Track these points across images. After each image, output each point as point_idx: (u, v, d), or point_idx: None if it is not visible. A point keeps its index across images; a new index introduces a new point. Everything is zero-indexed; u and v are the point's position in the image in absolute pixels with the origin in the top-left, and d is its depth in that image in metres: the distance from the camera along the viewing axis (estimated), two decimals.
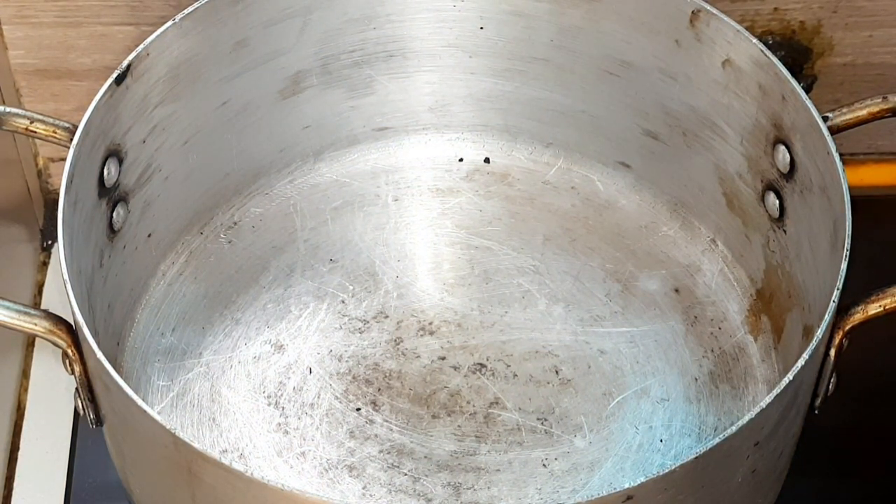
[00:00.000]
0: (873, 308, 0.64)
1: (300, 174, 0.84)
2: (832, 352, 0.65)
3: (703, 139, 0.78)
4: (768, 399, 0.60)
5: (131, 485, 0.70)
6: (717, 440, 0.58)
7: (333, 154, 0.84)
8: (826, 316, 0.63)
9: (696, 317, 0.78)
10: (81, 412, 0.69)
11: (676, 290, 0.79)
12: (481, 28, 0.80)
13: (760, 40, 0.72)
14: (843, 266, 0.64)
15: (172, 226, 0.79)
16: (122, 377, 0.61)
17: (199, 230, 0.81)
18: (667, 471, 0.57)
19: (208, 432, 0.74)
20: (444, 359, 0.76)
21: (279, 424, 0.74)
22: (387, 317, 0.78)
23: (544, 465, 0.72)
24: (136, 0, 0.81)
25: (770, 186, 0.74)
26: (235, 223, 0.82)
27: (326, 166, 0.84)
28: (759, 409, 0.59)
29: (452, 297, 0.79)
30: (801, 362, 0.61)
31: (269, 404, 0.75)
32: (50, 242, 0.90)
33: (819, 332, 0.62)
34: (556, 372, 0.76)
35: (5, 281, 0.83)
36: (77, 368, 0.66)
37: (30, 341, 0.85)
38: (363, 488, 0.71)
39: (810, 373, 0.65)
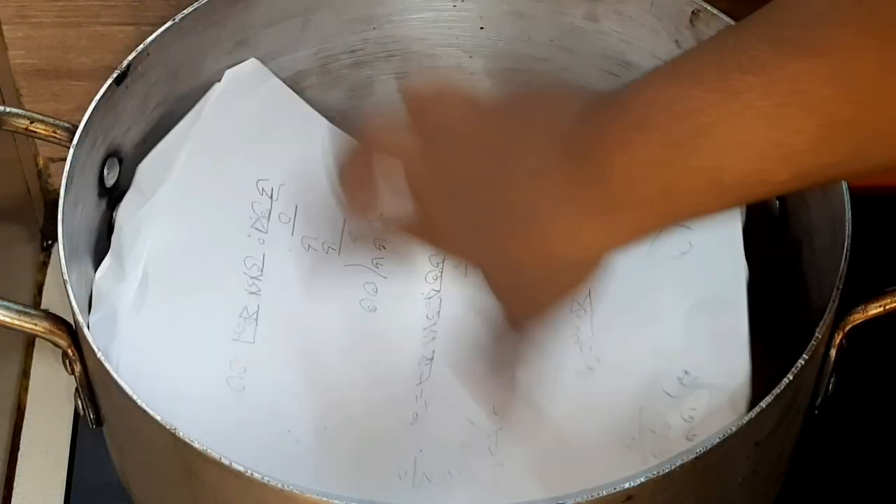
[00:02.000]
0: (873, 308, 0.64)
1: None
2: (832, 352, 0.65)
3: None
4: (768, 399, 0.60)
5: (131, 485, 0.70)
6: (717, 440, 0.58)
7: None
8: (826, 316, 0.63)
9: None
10: (81, 412, 0.69)
11: None
12: (481, 28, 0.80)
13: None
14: (843, 266, 0.64)
15: None
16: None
17: None
18: (667, 471, 0.57)
19: None
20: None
21: None
22: None
23: None
24: (136, 0, 0.81)
25: None
26: None
27: None
28: (759, 409, 0.59)
29: None
30: (800, 362, 0.61)
31: None
32: (50, 242, 0.90)
33: (819, 332, 0.62)
34: None
35: (5, 281, 0.83)
36: (77, 368, 0.66)
37: (30, 341, 0.84)
38: None
39: (810, 373, 0.65)
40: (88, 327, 0.63)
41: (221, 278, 0.72)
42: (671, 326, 0.70)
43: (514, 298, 0.54)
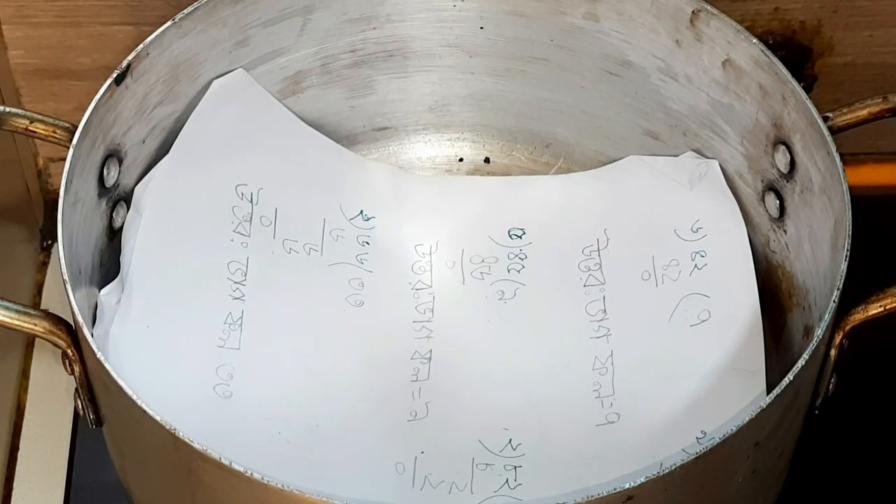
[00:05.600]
0: (873, 308, 0.64)
1: None
2: (832, 352, 0.65)
3: (703, 139, 0.78)
4: (768, 399, 0.60)
5: (131, 485, 0.70)
6: (717, 440, 0.58)
7: None
8: (826, 316, 0.63)
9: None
10: (81, 412, 0.69)
11: None
12: (481, 28, 0.80)
13: (760, 40, 0.72)
14: (843, 266, 0.64)
15: None
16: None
17: None
18: (667, 471, 0.57)
19: None
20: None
21: None
22: None
23: None
24: (136, 0, 0.81)
25: (770, 186, 0.74)
26: None
27: None
28: (759, 409, 0.59)
29: None
30: (801, 362, 0.61)
31: None
32: (50, 242, 0.90)
33: (819, 332, 0.62)
34: None
35: (5, 281, 0.84)
36: (77, 368, 0.66)
37: (30, 341, 0.84)
38: None
39: (810, 373, 0.65)
40: (88, 328, 0.63)
41: (205, 285, 0.72)
42: (689, 389, 0.70)
43: None
